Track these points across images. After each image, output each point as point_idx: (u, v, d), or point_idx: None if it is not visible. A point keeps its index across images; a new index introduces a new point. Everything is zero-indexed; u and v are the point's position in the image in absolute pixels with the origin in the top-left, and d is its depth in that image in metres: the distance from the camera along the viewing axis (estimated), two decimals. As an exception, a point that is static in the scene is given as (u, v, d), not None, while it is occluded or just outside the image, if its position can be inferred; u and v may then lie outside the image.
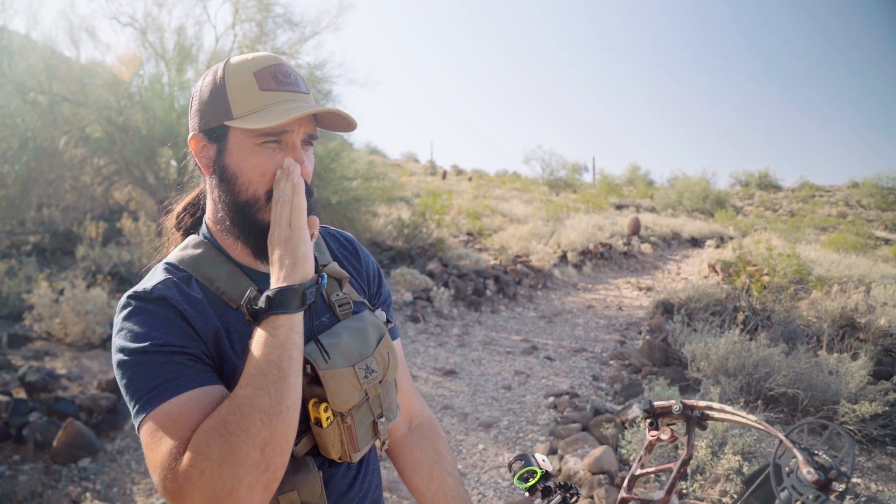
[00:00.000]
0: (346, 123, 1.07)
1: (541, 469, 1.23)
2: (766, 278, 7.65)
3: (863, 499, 3.31)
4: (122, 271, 6.87)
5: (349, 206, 9.67)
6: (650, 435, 1.15)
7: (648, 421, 1.17)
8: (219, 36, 9.76)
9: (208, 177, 1.07)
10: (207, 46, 9.85)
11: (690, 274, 11.35)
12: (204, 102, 1.04)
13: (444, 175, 29.74)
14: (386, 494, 3.53)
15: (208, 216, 1.11)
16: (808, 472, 0.92)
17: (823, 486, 0.90)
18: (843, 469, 0.93)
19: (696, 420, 1.11)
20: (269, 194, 1.02)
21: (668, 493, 1.05)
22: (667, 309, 7.70)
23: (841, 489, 0.91)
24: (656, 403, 1.15)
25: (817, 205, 28.49)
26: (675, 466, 1.07)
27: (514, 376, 5.72)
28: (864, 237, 17.44)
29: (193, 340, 0.95)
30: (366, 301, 1.22)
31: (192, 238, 1.10)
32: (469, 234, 12.76)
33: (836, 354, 4.86)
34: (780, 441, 0.99)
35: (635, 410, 4.35)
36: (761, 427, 1.02)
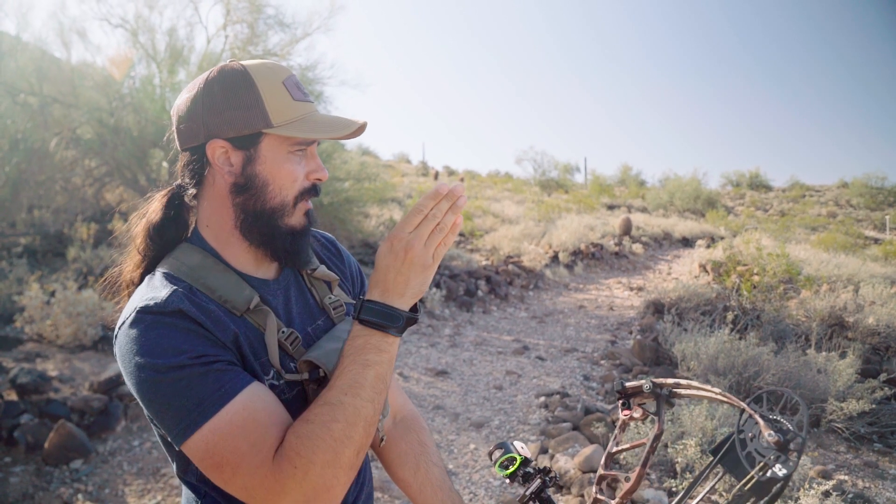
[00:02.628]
0: (358, 131, 1.08)
1: (520, 455, 1.27)
2: (755, 278, 7.71)
3: (850, 495, 3.35)
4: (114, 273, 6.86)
5: (341, 207, 9.68)
6: (623, 414, 1.21)
7: (621, 401, 1.22)
8: (210, 37, 9.74)
9: (228, 183, 1.04)
10: (199, 48, 9.84)
11: (681, 274, 11.42)
12: (230, 107, 1.00)
13: (436, 176, 29.76)
14: (378, 494, 3.55)
15: (209, 221, 1.08)
16: (769, 435, 1.01)
17: (782, 446, 1.00)
18: (800, 431, 1.02)
19: (664, 398, 1.17)
20: (296, 200, 1.05)
21: (643, 465, 1.11)
22: (657, 309, 7.75)
23: (798, 448, 1.01)
24: (628, 384, 1.21)
25: (807, 204, 28.70)
26: (648, 442, 1.13)
27: (506, 376, 5.75)
28: (854, 237, 17.59)
29: (221, 349, 0.95)
30: (354, 302, 1.22)
31: (185, 247, 1.07)
32: (461, 234, 12.80)
33: (824, 353, 4.91)
34: (743, 410, 1.07)
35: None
36: (725, 399, 1.09)
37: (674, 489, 3.41)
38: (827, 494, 3.10)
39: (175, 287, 0.97)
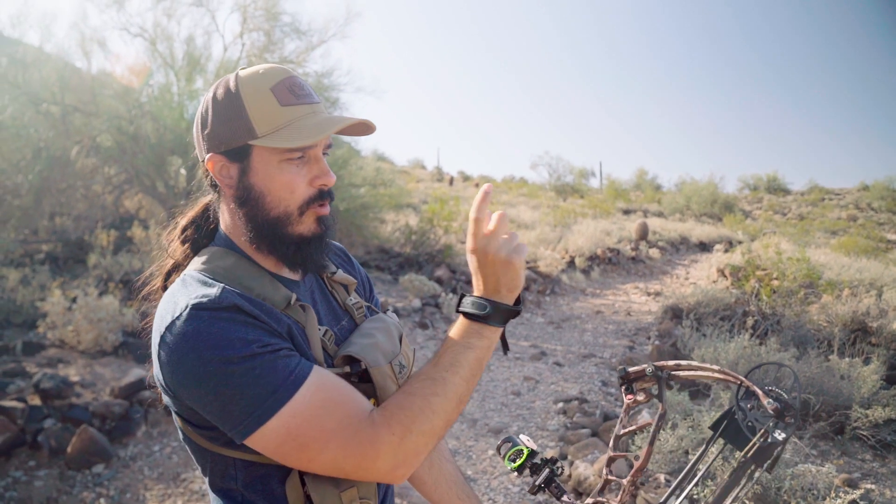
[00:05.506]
0: (366, 128, 1.07)
1: (527, 448, 1.31)
2: (775, 282, 7.63)
3: (876, 504, 3.30)
4: (133, 279, 6.93)
5: (357, 212, 9.73)
6: (627, 399, 1.29)
7: (624, 387, 1.30)
8: (227, 45, 9.85)
9: (230, 195, 1.06)
10: (216, 56, 9.97)
11: (699, 279, 11.32)
12: (220, 121, 1.01)
13: (451, 181, 29.81)
14: (396, 500, 3.54)
15: (229, 228, 1.09)
16: (768, 403, 1.10)
17: (780, 413, 1.10)
18: (793, 398, 1.14)
19: (664, 380, 1.24)
20: (301, 209, 1.03)
21: (651, 444, 1.18)
22: (675, 314, 7.69)
23: (793, 413, 1.12)
24: (630, 369, 1.28)
25: (827, 208, 28.37)
26: (654, 421, 1.20)
27: (523, 382, 5.73)
28: (875, 240, 17.34)
29: (280, 338, 0.96)
30: (371, 305, 1.27)
31: (217, 249, 1.08)
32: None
33: (847, 359, 4.84)
34: (741, 382, 1.16)
35: (645, 416, 4.35)
36: (722, 376, 1.17)
37: (694, 496, 3.38)
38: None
39: (223, 284, 0.97)
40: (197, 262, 1.06)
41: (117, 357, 5.23)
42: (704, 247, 16.51)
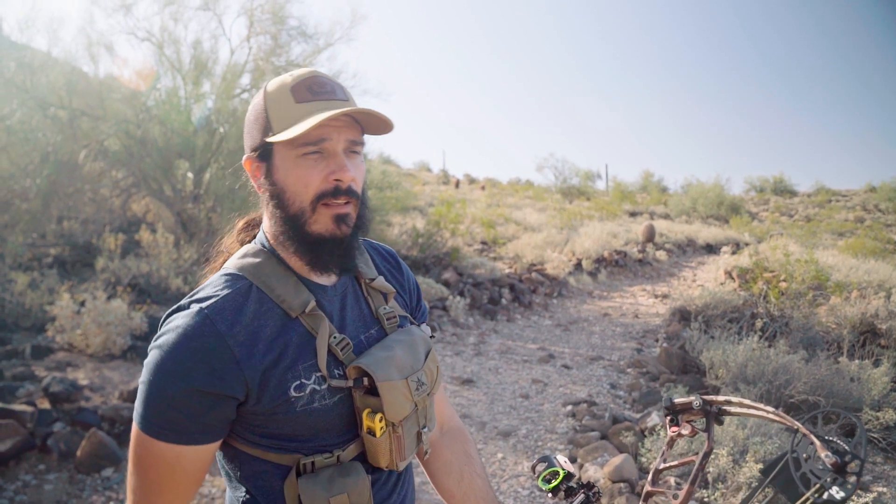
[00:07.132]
0: (383, 125, 1.06)
1: (563, 470, 1.26)
2: (783, 284, 7.59)
3: (888, 507, 3.27)
4: (141, 283, 6.95)
5: (364, 215, 9.70)
6: (671, 431, 1.20)
7: (669, 418, 1.21)
8: (234, 49, 9.86)
9: (262, 194, 1.09)
10: (223, 59, 9.97)
11: (706, 281, 11.29)
12: (251, 124, 1.08)
13: (457, 184, 29.83)
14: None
15: (266, 228, 1.11)
16: (826, 456, 0.99)
17: (840, 469, 0.98)
18: (857, 452, 1.00)
19: (714, 415, 1.16)
20: (314, 205, 1.03)
21: (693, 483, 1.10)
22: (683, 316, 7.66)
23: (856, 471, 0.99)
24: (676, 400, 1.19)
25: (834, 210, 28.22)
26: (697, 459, 1.12)
27: (532, 385, 5.71)
28: (883, 242, 17.22)
29: (225, 381, 0.96)
30: (409, 315, 1.24)
31: (251, 246, 1.11)
32: (483, 242, 12.77)
33: (857, 361, 4.81)
34: (797, 429, 1.06)
35: (654, 418, 4.34)
36: (778, 418, 1.07)
37: (706, 500, 3.36)
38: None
39: (228, 291, 1.02)
40: (234, 258, 1.11)
41: (126, 361, 5.24)
42: (711, 249, 16.46)
